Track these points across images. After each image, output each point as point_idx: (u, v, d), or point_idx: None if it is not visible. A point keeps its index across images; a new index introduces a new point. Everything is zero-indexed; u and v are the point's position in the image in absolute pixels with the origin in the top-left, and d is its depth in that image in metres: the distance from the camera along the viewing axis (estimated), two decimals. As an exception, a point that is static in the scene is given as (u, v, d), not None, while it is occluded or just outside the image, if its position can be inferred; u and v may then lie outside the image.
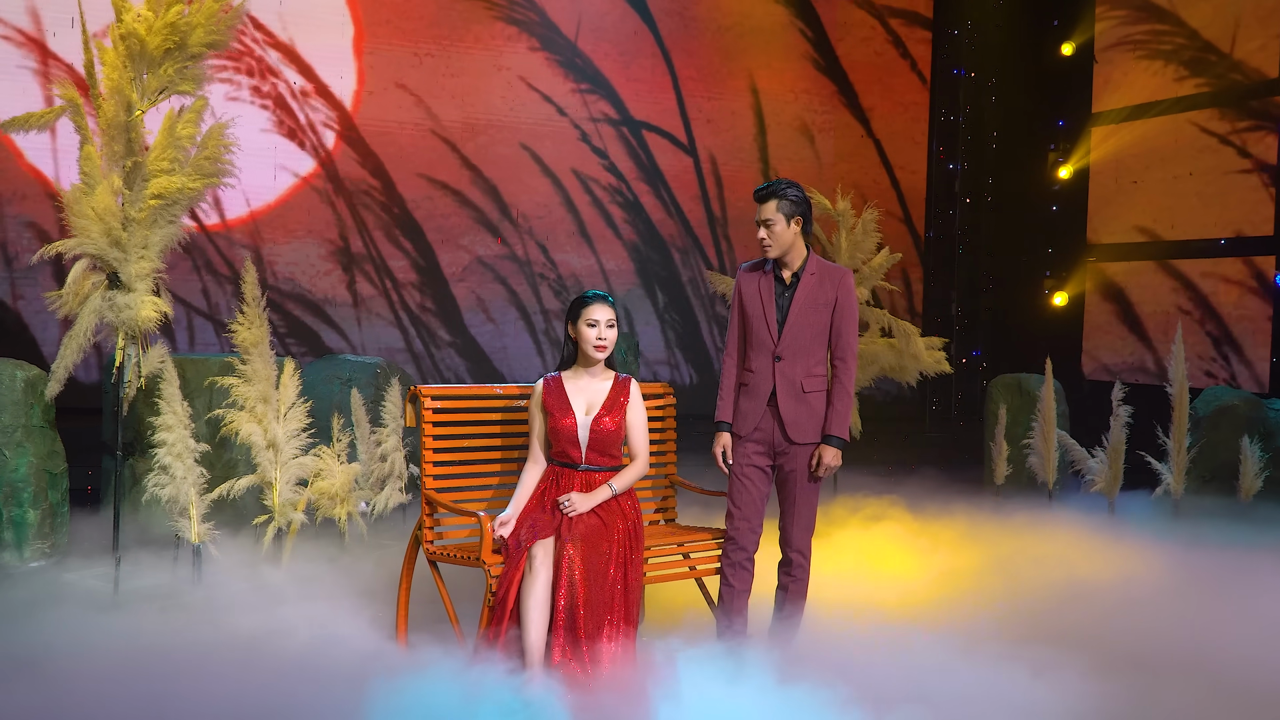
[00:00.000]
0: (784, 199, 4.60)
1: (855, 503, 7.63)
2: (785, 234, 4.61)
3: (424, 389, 4.50)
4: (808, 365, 4.63)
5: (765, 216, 4.62)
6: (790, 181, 4.68)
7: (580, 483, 4.40)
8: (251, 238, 10.81)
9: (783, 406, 4.61)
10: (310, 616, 4.93)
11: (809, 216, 4.67)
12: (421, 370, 11.39)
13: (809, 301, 4.63)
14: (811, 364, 4.64)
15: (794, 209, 4.60)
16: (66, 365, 5.82)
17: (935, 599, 5.55)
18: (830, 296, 4.65)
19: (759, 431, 4.67)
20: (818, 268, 4.68)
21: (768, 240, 4.63)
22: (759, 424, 4.67)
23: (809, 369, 4.63)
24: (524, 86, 11.77)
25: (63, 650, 4.37)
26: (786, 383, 4.62)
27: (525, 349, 11.85)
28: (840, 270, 4.71)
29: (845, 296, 4.65)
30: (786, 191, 4.62)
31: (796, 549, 4.68)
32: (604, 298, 4.50)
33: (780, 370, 4.63)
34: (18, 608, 5.10)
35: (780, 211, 4.60)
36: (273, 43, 10.79)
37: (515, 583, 4.10)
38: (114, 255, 5.68)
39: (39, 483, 5.92)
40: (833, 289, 4.65)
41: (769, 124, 12.79)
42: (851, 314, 4.65)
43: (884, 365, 8.33)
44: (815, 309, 4.64)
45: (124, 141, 5.71)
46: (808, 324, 4.64)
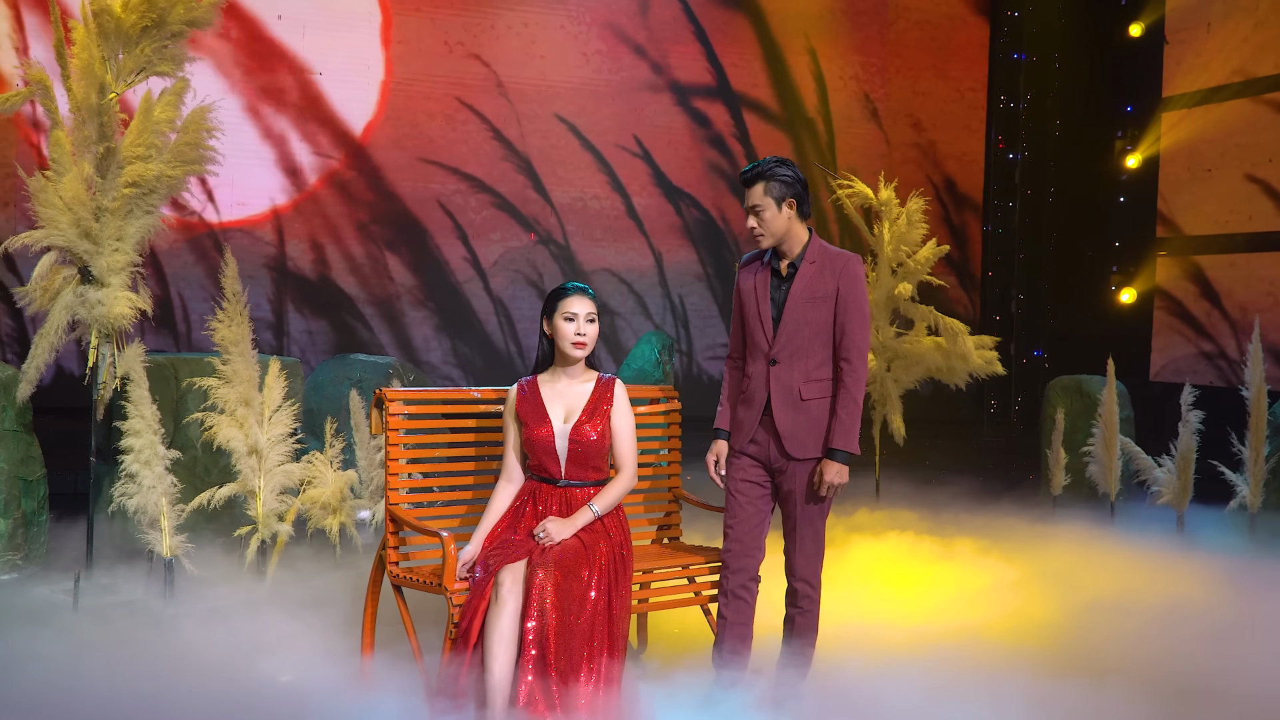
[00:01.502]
0: (773, 180, 4.05)
1: (894, 514, 7.08)
2: (777, 220, 4.06)
3: (390, 392, 4.04)
4: (807, 369, 4.06)
5: (753, 202, 4.08)
6: (780, 159, 4.12)
7: (559, 501, 3.89)
8: (275, 233, 10.47)
9: (778, 417, 4.06)
10: (279, 641, 4.49)
11: (804, 198, 4.11)
12: (446, 372, 10.98)
13: (807, 294, 4.07)
14: (811, 367, 4.07)
15: (785, 191, 4.05)
16: (38, 365, 5.45)
17: (968, 626, 4.97)
18: (830, 287, 4.07)
19: (754, 445, 4.13)
20: (819, 255, 4.11)
21: (758, 229, 4.09)
22: (754, 436, 4.13)
23: (809, 373, 4.06)
24: (560, 74, 11.31)
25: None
26: (782, 389, 4.06)
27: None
28: (844, 256, 4.13)
29: (849, 286, 4.07)
30: (775, 171, 4.06)
31: (801, 578, 4.12)
32: (583, 289, 4.01)
33: (775, 375, 4.07)
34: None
35: (769, 195, 4.05)
36: (297, 32, 10.44)
37: (480, 612, 3.62)
38: (84, 248, 5.30)
39: (10, 490, 5.56)
40: (833, 278, 4.07)
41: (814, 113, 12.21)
42: (858, 307, 4.06)
43: (930, 366, 7.76)
44: (814, 303, 4.06)
45: (96, 126, 5.33)
46: (806, 321, 4.07)
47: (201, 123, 5.59)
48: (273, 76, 10.35)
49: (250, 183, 10.31)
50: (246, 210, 10.34)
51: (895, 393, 7.78)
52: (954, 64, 12.71)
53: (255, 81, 10.30)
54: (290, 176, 10.41)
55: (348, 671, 4.04)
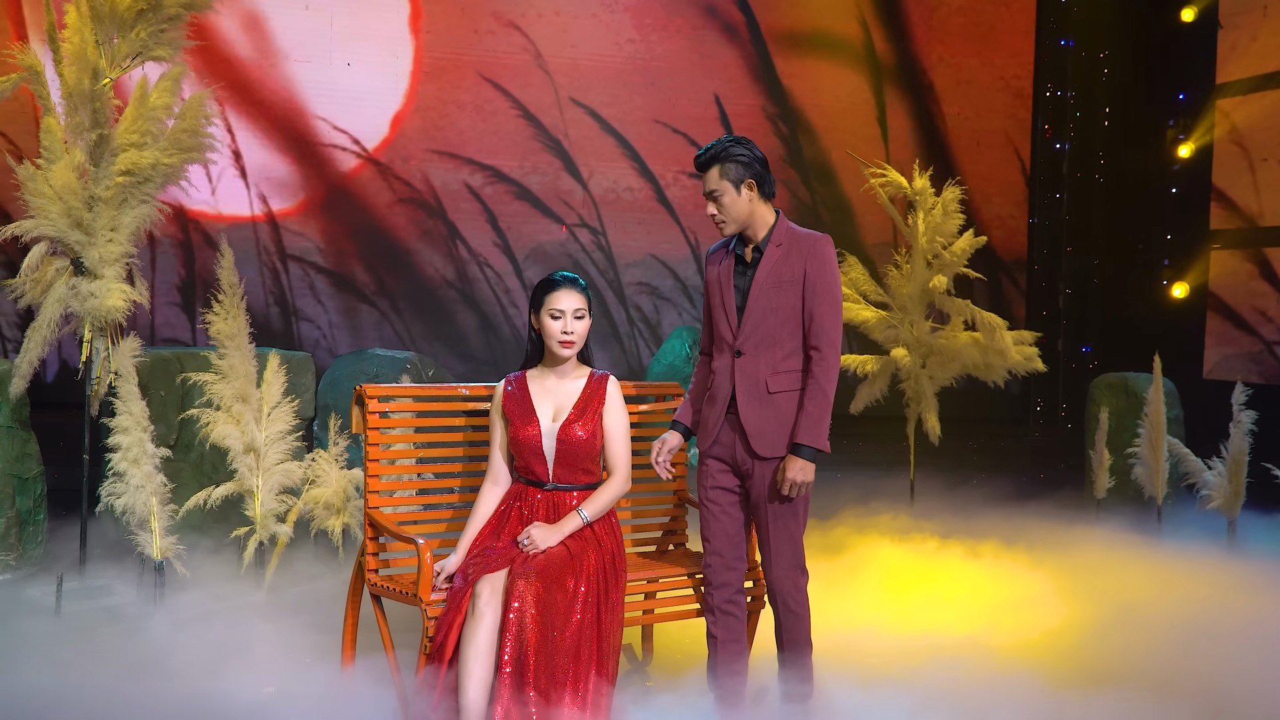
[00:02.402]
0: (729, 162, 3.75)
1: (926, 517, 6.75)
2: (738, 204, 3.77)
3: (369, 388, 3.80)
4: (774, 360, 3.76)
5: (710, 188, 3.79)
6: (735, 138, 3.82)
7: (546, 505, 3.64)
8: (303, 225, 10.31)
9: (744, 413, 3.75)
10: (263, 648, 4.29)
11: (765, 177, 3.82)
12: (476, 366, 10.77)
13: (772, 279, 3.76)
14: (779, 358, 3.76)
15: (743, 172, 3.76)
16: (31, 360, 5.30)
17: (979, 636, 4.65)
18: (798, 270, 3.75)
19: (719, 445, 3.83)
20: (786, 237, 3.80)
21: (719, 215, 3.80)
22: (718, 436, 3.83)
23: (776, 364, 3.75)
24: (592, 60, 11.07)
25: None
26: (748, 382, 3.76)
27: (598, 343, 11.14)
28: (812, 237, 3.82)
29: (818, 268, 3.74)
30: (731, 152, 3.76)
31: (778, 590, 3.79)
32: (573, 281, 3.74)
33: (740, 368, 3.78)
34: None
35: (727, 178, 3.76)
36: (324, 21, 10.27)
37: (456, 627, 3.37)
38: (76, 238, 5.13)
39: (3, 489, 5.41)
40: (800, 260, 3.76)
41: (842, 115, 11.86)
42: (828, 290, 3.73)
43: (967, 362, 7.43)
44: (780, 288, 3.76)
45: (89, 112, 5.16)
46: (772, 307, 3.76)
47: (200, 109, 5.42)
48: (301, 66, 10.20)
49: (278, 174, 10.17)
50: (275, 202, 10.21)
51: (930, 390, 7.45)
52: (998, 50, 12.30)
53: (283, 72, 10.15)
54: (318, 167, 10.26)
55: (324, 685, 3.82)
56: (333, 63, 10.32)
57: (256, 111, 10.11)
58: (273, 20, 10.05)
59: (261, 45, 10.05)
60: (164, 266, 9.74)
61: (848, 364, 7.45)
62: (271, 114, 10.08)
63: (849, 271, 7.54)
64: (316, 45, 10.23)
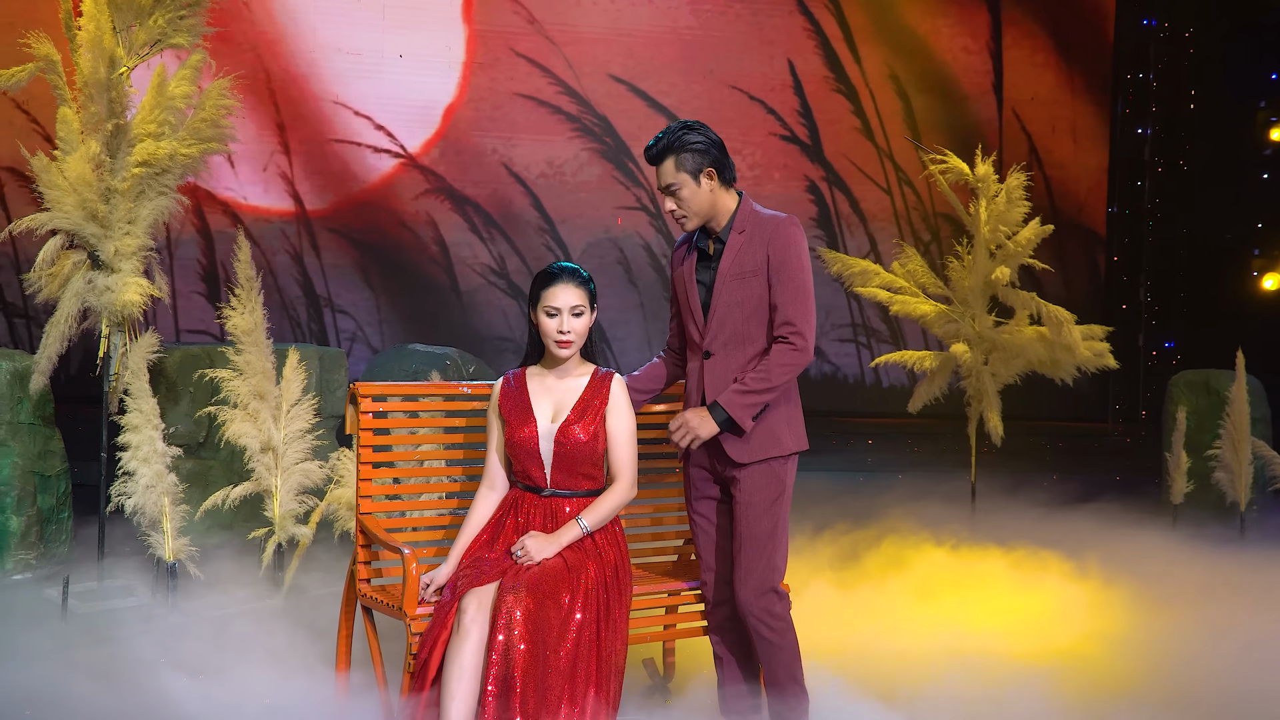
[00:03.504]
0: (684, 152, 3.43)
1: (984, 524, 6.37)
2: (699, 196, 3.46)
3: (362, 386, 3.59)
4: (745, 359, 3.46)
5: (666, 182, 3.47)
6: (687, 123, 3.50)
7: (543, 513, 3.39)
8: (352, 220, 10.21)
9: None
10: (265, 654, 4.11)
11: (724, 163, 3.49)
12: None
13: (735, 269, 3.46)
14: (751, 356, 3.47)
15: (700, 161, 3.44)
16: (49, 356, 5.17)
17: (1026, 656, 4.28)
18: (760, 258, 3.45)
19: (698, 453, 3.56)
20: (749, 223, 3.49)
21: (679, 210, 3.49)
22: (696, 448, 3.54)
23: (747, 364, 3.46)
24: (647, 51, 10.80)
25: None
26: (719, 385, 3.46)
27: (640, 338, 10.87)
28: (775, 219, 3.50)
29: (781, 251, 3.42)
30: (684, 140, 3.44)
31: (751, 614, 3.48)
32: (572, 274, 3.46)
33: (710, 369, 3.48)
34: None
35: (683, 170, 3.44)
36: (377, 14, 10.15)
37: (441, 643, 3.14)
38: (91, 231, 5.00)
39: (24, 486, 5.31)
40: (762, 247, 3.45)
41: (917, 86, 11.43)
42: (792, 273, 3.40)
43: (1032, 358, 7.01)
44: (744, 279, 3.45)
45: (104, 102, 5.02)
46: (737, 300, 3.46)
47: (220, 98, 5.26)
48: (353, 60, 10.09)
49: (330, 168, 10.08)
50: (327, 197, 10.12)
51: (993, 388, 7.05)
52: (1075, 29, 11.76)
53: (335, 66, 10.06)
54: (370, 161, 10.15)
55: (311, 699, 3.62)
56: (384, 55, 10.20)
57: (306, 104, 10.02)
58: (327, 13, 9.96)
59: (317, 39, 9.96)
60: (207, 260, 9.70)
61: (904, 360, 7.10)
62: (321, 107, 10.00)
63: (907, 263, 7.18)
64: (368, 37, 10.12)
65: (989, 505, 7.05)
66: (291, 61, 9.92)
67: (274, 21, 9.86)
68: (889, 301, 7.08)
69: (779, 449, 3.46)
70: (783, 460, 3.49)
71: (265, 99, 9.91)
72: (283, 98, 9.96)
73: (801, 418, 3.55)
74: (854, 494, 7.58)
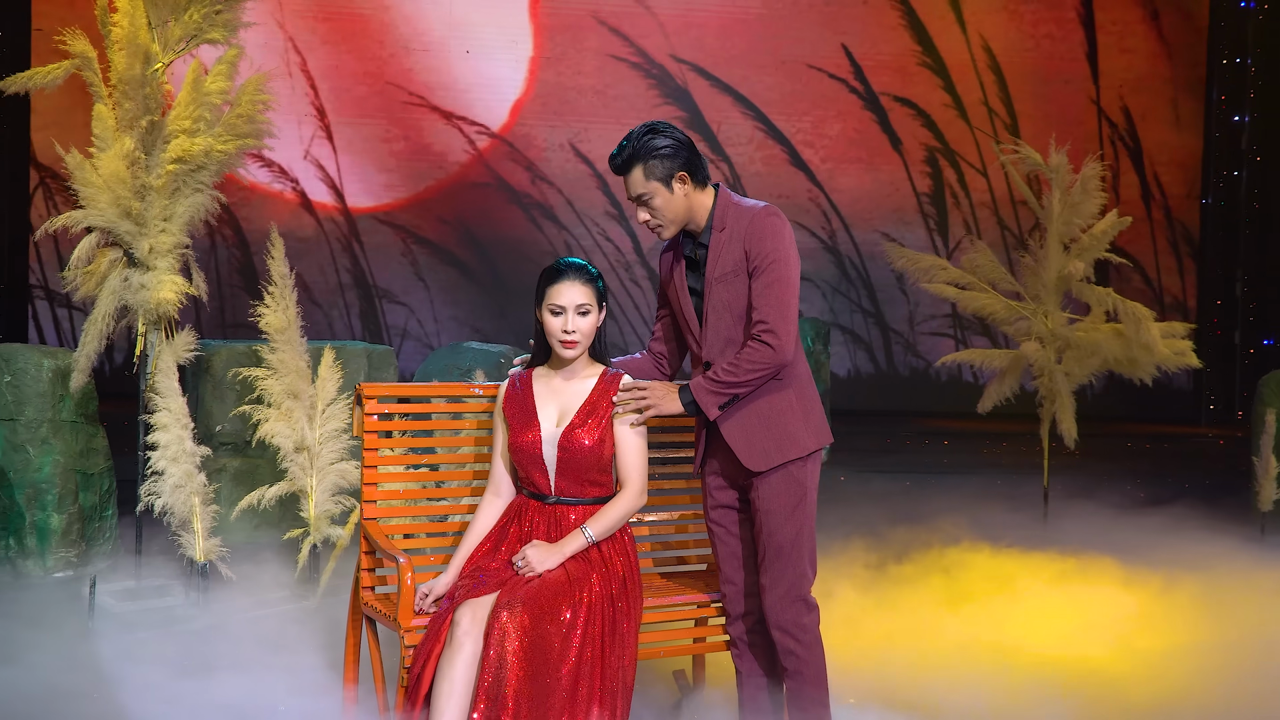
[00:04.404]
0: (651, 159, 3.20)
1: (1055, 529, 6.05)
2: (673, 203, 3.23)
3: (367, 387, 3.46)
4: None
5: (636, 192, 3.25)
6: (651, 126, 3.25)
7: (546, 521, 3.22)
8: (418, 216, 10.18)
9: (726, 428, 3.27)
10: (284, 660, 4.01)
11: (696, 163, 3.25)
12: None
13: (719, 271, 3.24)
14: None
15: (670, 165, 3.21)
16: (88, 354, 5.15)
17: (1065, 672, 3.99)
18: (739, 254, 3.22)
19: (714, 462, 3.37)
20: (728, 218, 3.26)
21: (654, 220, 3.26)
22: (710, 453, 3.37)
23: None
24: (716, 41, 10.58)
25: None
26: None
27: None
28: (751, 210, 3.25)
29: (757, 244, 3.19)
30: (650, 146, 3.20)
31: (778, 625, 3.29)
32: (579, 270, 3.27)
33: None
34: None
35: (653, 178, 3.21)
36: (444, 8, 10.10)
37: (434, 657, 2.99)
38: (126, 228, 4.96)
39: (65, 484, 5.32)
40: (739, 242, 3.22)
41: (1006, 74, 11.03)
42: (768, 268, 3.16)
43: (1107, 357, 6.66)
44: (726, 280, 3.23)
45: (139, 99, 4.99)
46: (725, 304, 3.24)
47: (256, 93, 5.20)
48: (421, 56, 10.06)
49: (396, 164, 10.06)
50: (393, 194, 10.10)
51: (1066, 388, 6.72)
52: (1169, 12, 11.25)
53: (402, 63, 10.04)
54: (437, 157, 10.10)
55: (320, 710, 3.51)
56: (451, 50, 10.15)
57: (373, 99, 10.01)
58: (395, 9, 9.94)
59: (383, 35, 9.94)
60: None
61: (971, 359, 6.81)
62: (388, 102, 9.98)
63: (976, 257, 6.88)
64: (436, 33, 10.08)
65: (1061, 509, 6.73)
66: (361, 56, 9.91)
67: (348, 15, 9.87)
68: (956, 298, 6.80)
69: (797, 449, 3.26)
70: (801, 462, 3.28)
71: (333, 94, 9.92)
72: (351, 93, 9.97)
73: (820, 409, 3.34)
74: (915, 495, 7.31)
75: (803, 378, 3.31)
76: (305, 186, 9.98)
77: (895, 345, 11.14)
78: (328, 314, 10.02)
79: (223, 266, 9.90)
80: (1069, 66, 11.14)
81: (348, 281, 10.10)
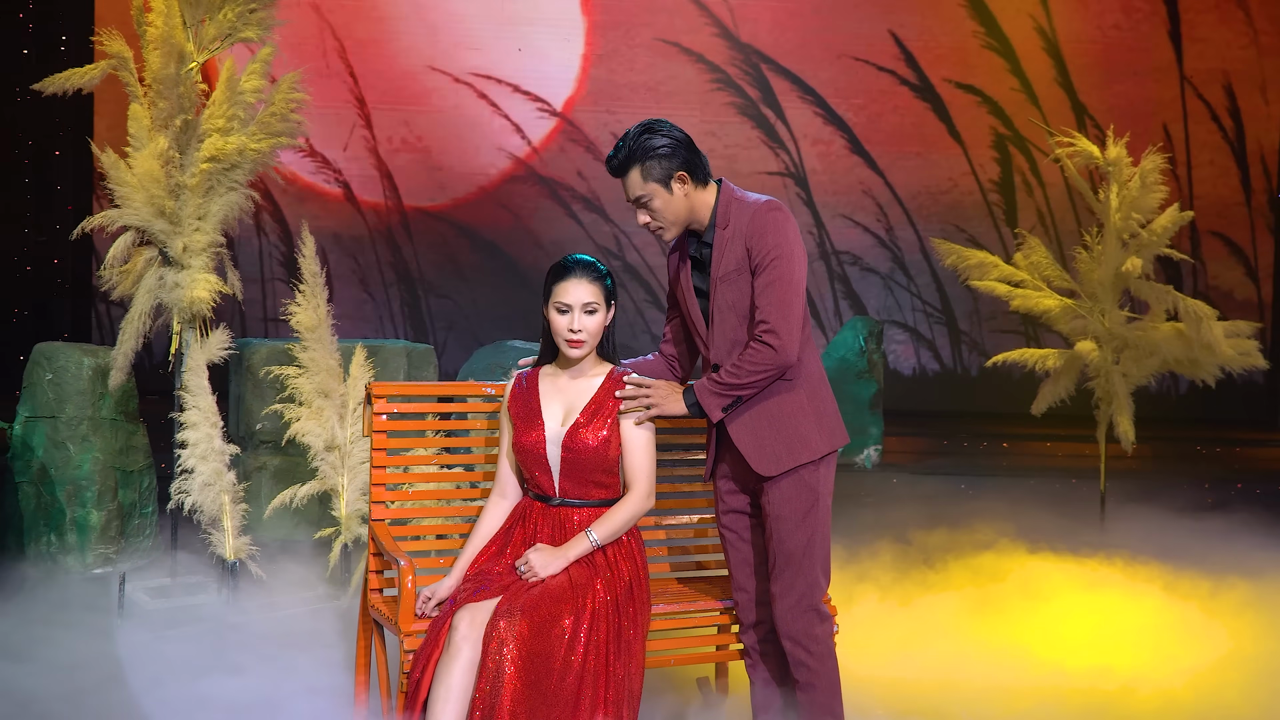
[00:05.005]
0: (649, 159, 3.10)
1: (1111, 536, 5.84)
2: (673, 205, 3.13)
3: (376, 386, 3.41)
4: None
5: (635, 194, 3.16)
6: (646, 125, 3.15)
7: (551, 524, 3.15)
8: (472, 217, 10.18)
9: (734, 433, 3.16)
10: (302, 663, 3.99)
11: (695, 162, 3.15)
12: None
13: (722, 271, 3.14)
14: None
15: (669, 166, 3.11)
16: (126, 352, 5.19)
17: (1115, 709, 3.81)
18: (740, 251, 3.11)
19: (724, 465, 3.28)
20: (731, 214, 3.15)
21: (654, 222, 3.18)
22: (720, 457, 3.28)
23: None
24: (770, 36, 10.45)
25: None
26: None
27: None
28: (752, 206, 3.15)
29: (756, 241, 3.08)
30: (647, 146, 3.10)
31: (788, 636, 3.18)
32: (586, 268, 3.19)
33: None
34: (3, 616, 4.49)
35: (651, 179, 3.11)
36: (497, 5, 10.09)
37: (433, 663, 2.93)
38: (160, 227, 4.99)
39: (105, 481, 5.36)
40: (741, 240, 3.11)
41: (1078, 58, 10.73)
42: (769, 266, 3.06)
43: (1167, 357, 6.44)
44: (729, 280, 3.13)
45: (173, 98, 5.01)
46: (729, 305, 3.14)
47: (290, 92, 5.20)
48: (476, 54, 10.07)
49: (453, 163, 10.07)
50: (448, 193, 10.12)
51: (1124, 389, 6.50)
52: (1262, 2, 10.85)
53: (457, 62, 10.05)
54: (488, 153, 10.10)
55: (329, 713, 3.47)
56: (503, 49, 10.13)
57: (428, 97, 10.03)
58: (442, 9, 9.95)
59: (434, 35, 9.96)
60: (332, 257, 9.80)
61: (1025, 360, 6.61)
62: (438, 101, 9.99)
63: (1030, 254, 6.68)
64: (487, 31, 10.07)
65: (1122, 516, 6.51)
66: (411, 55, 9.94)
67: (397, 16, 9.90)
68: (1008, 296, 6.60)
69: (808, 453, 3.15)
70: (814, 466, 3.17)
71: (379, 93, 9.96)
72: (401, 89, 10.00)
73: (833, 410, 3.23)
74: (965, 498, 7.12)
75: (814, 377, 3.20)
76: (351, 181, 10.02)
77: (963, 343, 10.92)
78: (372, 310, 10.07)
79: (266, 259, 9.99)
80: (1148, 49, 10.81)
81: (391, 278, 10.13)
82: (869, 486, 7.78)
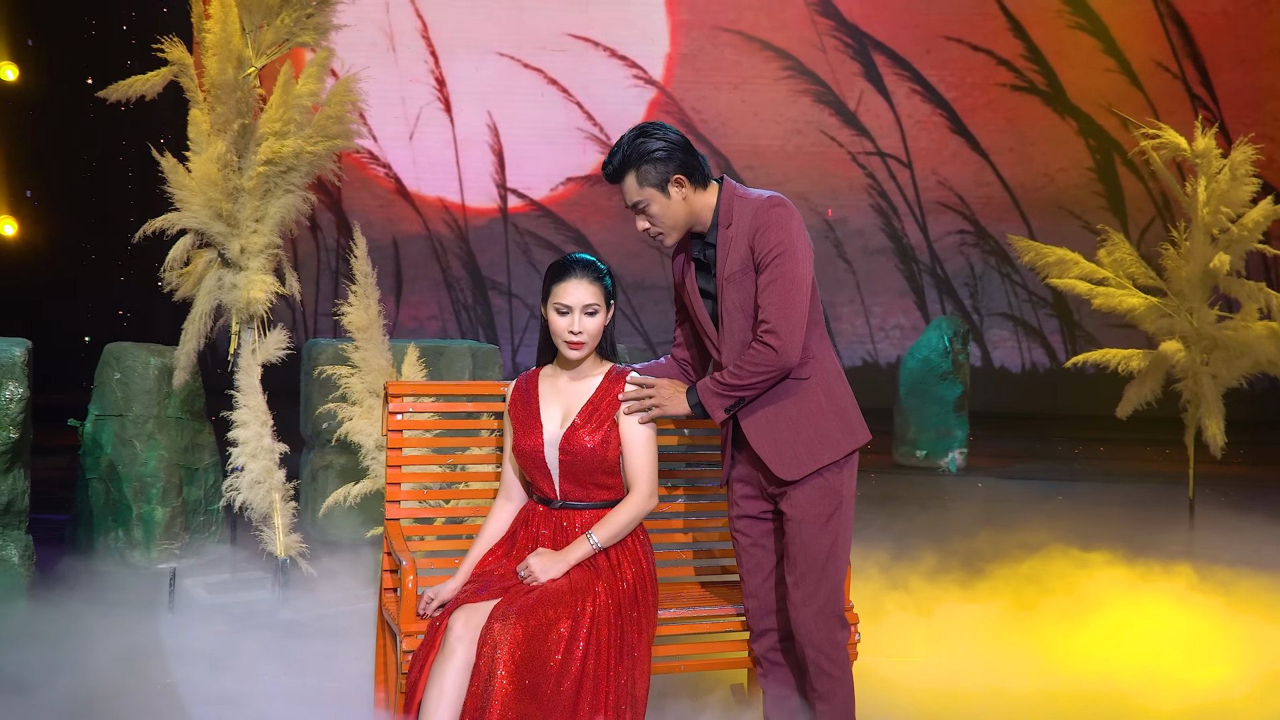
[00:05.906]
0: (644, 164, 3.01)
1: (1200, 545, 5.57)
2: (671, 209, 3.04)
3: (393, 385, 3.41)
4: None
5: (632, 200, 3.06)
6: (641, 128, 3.05)
7: (552, 527, 3.09)
8: (542, 213, 10.21)
9: (751, 437, 3.06)
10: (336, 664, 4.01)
11: (693, 164, 3.04)
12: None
13: (728, 271, 3.04)
14: None
15: (665, 169, 3.01)
16: (188, 352, 5.30)
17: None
18: (743, 250, 2.99)
19: (740, 468, 3.17)
20: (734, 212, 3.05)
21: (653, 228, 3.08)
22: (736, 460, 3.18)
23: None
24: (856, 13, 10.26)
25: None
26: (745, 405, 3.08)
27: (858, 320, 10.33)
28: (755, 203, 3.04)
29: (760, 239, 2.97)
30: (642, 150, 3.01)
31: (811, 644, 3.06)
32: (586, 268, 3.12)
33: None
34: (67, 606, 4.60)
35: (648, 184, 3.02)
36: (580, 7, 10.10)
37: (429, 664, 2.91)
38: (218, 229, 5.08)
39: (170, 479, 5.49)
40: (745, 238, 2.99)
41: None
42: (771, 264, 2.95)
43: (1260, 358, 6.11)
44: (734, 280, 3.02)
45: (231, 103, 5.10)
46: (736, 306, 3.03)
47: (347, 95, 5.26)
48: (558, 57, 10.09)
49: (533, 166, 10.12)
50: (528, 195, 10.17)
51: (1213, 391, 6.19)
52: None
53: (541, 63, 10.09)
54: (572, 157, 10.12)
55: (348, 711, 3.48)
56: (587, 47, 10.14)
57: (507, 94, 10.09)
58: (533, 13, 10.00)
59: (520, 39, 10.01)
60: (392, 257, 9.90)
61: (1106, 360, 6.34)
62: (522, 104, 10.04)
63: (1113, 250, 6.41)
64: (569, 31, 10.09)
65: (1214, 524, 6.21)
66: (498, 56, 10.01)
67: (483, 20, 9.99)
68: (1090, 294, 6.34)
69: (831, 452, 3.04)
70: (836, 467, 3.06)
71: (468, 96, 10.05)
72: (485, 92, 10.07)
73: (853, 406, 3.12)
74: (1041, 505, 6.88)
75: (830, 374, 3.09)
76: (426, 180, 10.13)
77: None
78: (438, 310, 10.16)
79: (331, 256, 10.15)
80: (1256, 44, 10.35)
81: (462, 276, 10.21)
82: (951, 490, 7.58)
